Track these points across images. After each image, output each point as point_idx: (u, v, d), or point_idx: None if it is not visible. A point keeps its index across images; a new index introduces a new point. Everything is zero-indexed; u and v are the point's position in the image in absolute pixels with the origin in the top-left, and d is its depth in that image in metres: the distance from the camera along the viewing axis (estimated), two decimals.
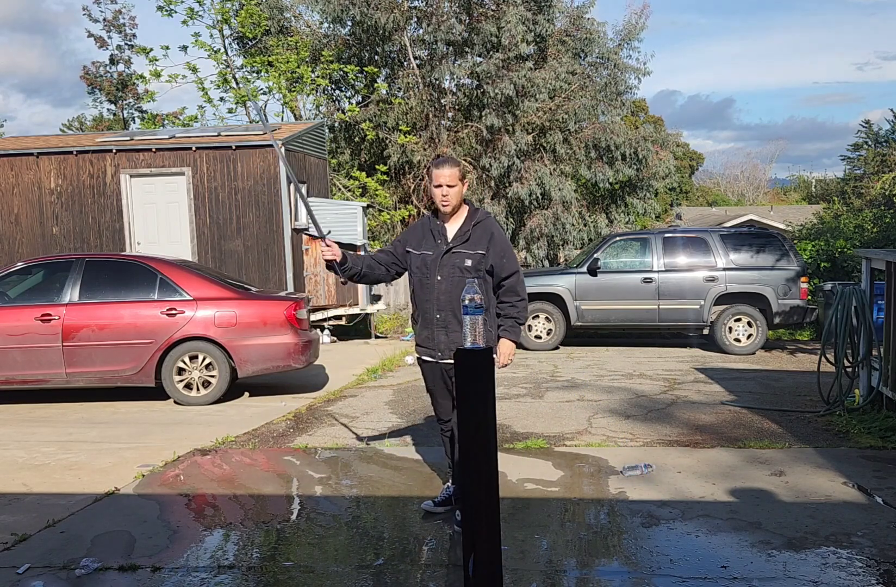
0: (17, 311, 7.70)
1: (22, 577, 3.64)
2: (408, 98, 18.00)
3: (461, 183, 4.06)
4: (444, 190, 4.03)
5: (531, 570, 3.63)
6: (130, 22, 27.60)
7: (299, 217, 12.81)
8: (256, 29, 17.57)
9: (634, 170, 18.61)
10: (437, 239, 4.10)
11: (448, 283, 4.04)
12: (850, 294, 6.65)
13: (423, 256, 4.12)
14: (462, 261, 4.05)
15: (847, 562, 3.64)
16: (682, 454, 5.56)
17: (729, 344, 11.17)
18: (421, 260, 4.13)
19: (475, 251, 4.06)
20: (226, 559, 3.84)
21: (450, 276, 4.04)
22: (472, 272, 4.03)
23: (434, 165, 4.05)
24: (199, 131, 13.91)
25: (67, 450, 5.96)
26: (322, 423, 6.82)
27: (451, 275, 4.04)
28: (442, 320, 4.07)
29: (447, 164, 4.03)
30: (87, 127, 34.24)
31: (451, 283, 4.03)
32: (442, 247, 4.07)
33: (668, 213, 35.14)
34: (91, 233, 12.47)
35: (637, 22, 19.16)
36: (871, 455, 5.46)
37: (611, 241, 11.96)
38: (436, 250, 4.09)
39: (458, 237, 4.08)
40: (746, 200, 49.58)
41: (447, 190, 4.02)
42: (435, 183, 4.04)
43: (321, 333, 12.57)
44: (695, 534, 4.02)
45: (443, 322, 4.07)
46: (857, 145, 32.90)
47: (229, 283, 8.21)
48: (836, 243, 14.62)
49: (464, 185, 4.09)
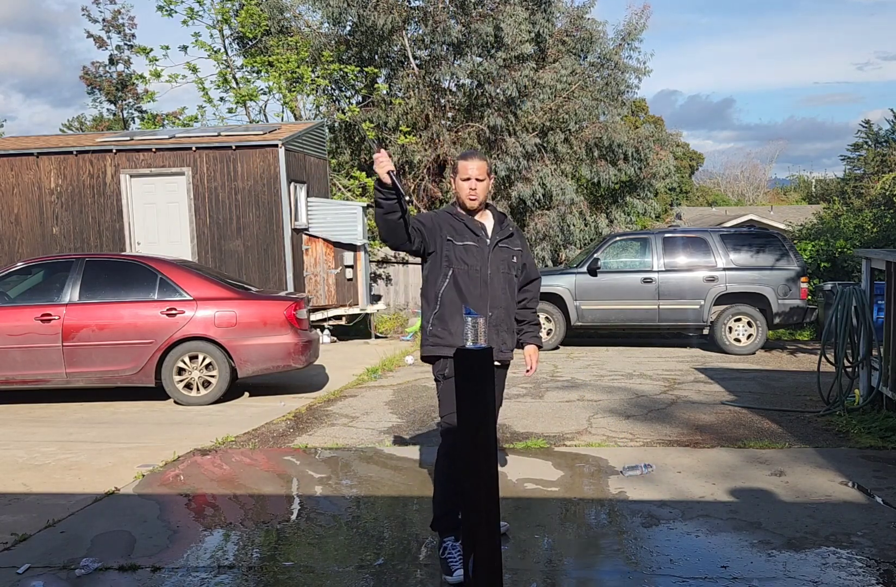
0: (18, 311, 7.70)
1: (22, 577, 3.64)
2: (408, 98, 18.01)
3: (489, 177, 3.82)
4: (472, 183, 3.76)
5: (531, 570, 3.63)
6: (130, 22, 27.59)
7: (299, 217, 12.81)
8: (256, 29, 17.57)
9: (636, 169, 18.61)
10: (475, 232, 3.78)
11: (503, 279, 3.81)
12: (850, 294, 6.65)
13: (466, 247, 3.76)
14: (510, 256, 3.84)
15: (847, 562, 3.64)
16: (682, 454, 5.56)
17: (729, 344, 11.17)
18: (464, 250, 3.76)
19: (517, 248, 3.88)
20: (226, 559, 3.84)
21: (499, 271, 3.79)
22: (515, 269, 3.86)
23: (461, 158, 3.81)
24: (199, 131, 13.91)
25: (67, 450, 5.96)
26: (322, 423, 6.82)
27: (500, 270, 3.80)
28: (495, 318, 3.78)
29: (476, 157, 3.80)
30: (86, 127, 34.24)
31: (505, 279, 3.82)
32: (485, 240, 3.79)
33: (669, 212, 35.15)
34: (91, 233, 12.47)
35: (637, 22, 19.17)
36: (871, 455, 5.46)
37: (611, 241, 11.96)
38: (481, 242, 3.78)
39: (497, 232, 3.83)
40: (746, 200, 49.58)
41: (475, 183, 3.76)
42: (462, 176, 3.76)
43: (321, 333, 12.57)
44: (695, 534, 4.02)
45: (495, 320, 3.79)
46: (857, 145, 32.91)
47: (229, 283, 8.21)
48: (836, 243, 14.62)
49: (490, 180, 3.86)
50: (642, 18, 19.23)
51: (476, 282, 3.74)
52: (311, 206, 13.14)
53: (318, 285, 13.08)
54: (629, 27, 19.22)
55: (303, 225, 12.84)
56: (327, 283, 13.12)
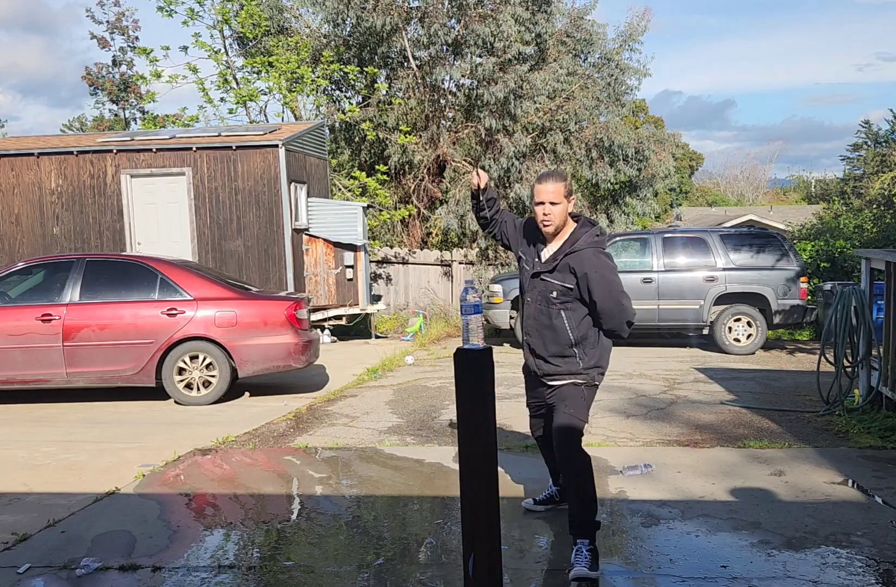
0: (18, 311, 7.71)
1: (22, 577, 3.64)
2: (408, 98, 18.01)
3: (566, 200, 3.61)
4: (545, 208, 3.60)
5: (531, 570, 3.64)
6: (133, 24, 27.65)
7: (299, 217, 12.81)
8: (256, 29, 17.57)
9: (635, 170, 18.60)
10: (534, 255, 3.75)
11: (535, 310, 3.75)
12: (850, 294, 6.66)
13: (523, 266, 3.79)
14: (549, 290, 3.68)
15: (847, 561, 3.64)
16: (681, 453, 5.57)
17: (729, 344, 11.17)
18: (522, 268, 3.79)
19: (562, 283, 3.65)
20: (226, 559, 3.85)
21: (537, 302, 3.74)
22: (557, 304, 3.67)
23: (538, 180, 3.66)
24: (200, 131, 13.90)
25: (68, 449, 5.96)
26: (322, 423, 6.82)
27: (539, 302, 3.73)
28: (527, 342, 3.86)
29: (551, 179, 3.62)
30: (87, 127, 34.25)
31: (539, 311, 3.73)
32: (533, 266, 3.75)
33: (668, 213, 35.14)
34: (91, 233, 12.47)
35: (638, 24, 19.17)
36: (871, 455, 5.47)
37: (610, 242, 11.95)
38: (530, 266, 3.76)
39: (548, 262, 3.70)
40: (746, 200, 49.57)
41: (549, 208, 3.60)
42: (537, 200, 3.62)
43: (321, 333, 12.58)
44: (695, 533, 4.03)
45: (528, 346, 3.85)
46: (857, 145, 32.85)
47: (230, 283, 8.21)
48: (835, 243, 14.61)
49: (570, 203, 3.65)
50: (643, 21, 19.23)
51: (524, 301, 3.84)
52: (311, 206, 13.14)
53: (318, 285, 13.09)
54: (630, 29, 19.22)
55: (303, 225, 12.85)
56: (327, 283, 13.12)
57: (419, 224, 18.98)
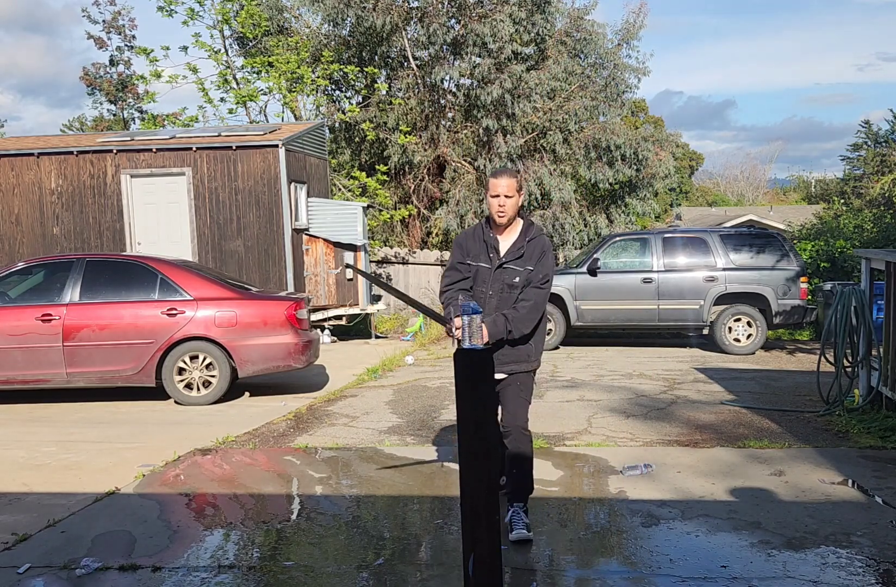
0: (18, 311, 7.71)
1: (22, 577, 3.64)
2: (408, 98, 18.01)
3: (518, 194, 4.01)
4: (500, 200, 3.97)
5: (531, 570, 3.64)
6: (130, 23, 27.62)
7: (299, 217, 12.81)
8: (256, 29, 17.57)
9: (634, 170, 18.60)
10: (489, 252, 4.04)
11: (497, 299, 4.01)
12: (850, 294, 6.66)
13: (478, 268, 4.07)
14: (512, 277, 4.00)
15: (847, 561, 3.64)
16: (681, 453, 5.57)
17: (729, 344, 11.18)
18: (476, 271, 4.07)
19: (524, 267, 4.00)
20: (226, 559, 3.85)
21: (499, 291, 4.01)
22: (518, 288, 3.98)
23: (492, 175, 4.03)
24: (200, 131, 13.90)
25: (68, 450, 5.96)
26: (322, 423, 6.82)
27: (500, 290, 4.01)
28: None
29: (505, 175, 4.00)
30: (87, 127, 34.23)
31: (500, 299, 4.00)
32: (495, 261, 4.02)
33: (668, 213, 35.15)
34: (91, 233, 12.47)
35: (636, 21, 19.16)
36: (871, 455, 5.47)
37: (610, 242, 11.97)
38: (490, 264, 4.03)
39: (511, 252, 4.03)
40: (746, 201, 49.56)
41: (504, 200, 3.96)
42: (492, 193, 3.98)
43: (321, 333, 12.57)
44: (694, 533, 4.03)
45: None
46: (857, 145, 32.83)
47: (230, 283, 8.21)
48: (835, 243, 14.62)
49: (520, 197, 4.03)
50: (640, 17, 19.21)
51: (479, 299, 4.01)
52: (311, 206, 13.14)
53: (318, 285, 13.09)
54: (627, 26, 19.21)
55: (303, 225, 12.85)
56: (327, 283, 13.12)
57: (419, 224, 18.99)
